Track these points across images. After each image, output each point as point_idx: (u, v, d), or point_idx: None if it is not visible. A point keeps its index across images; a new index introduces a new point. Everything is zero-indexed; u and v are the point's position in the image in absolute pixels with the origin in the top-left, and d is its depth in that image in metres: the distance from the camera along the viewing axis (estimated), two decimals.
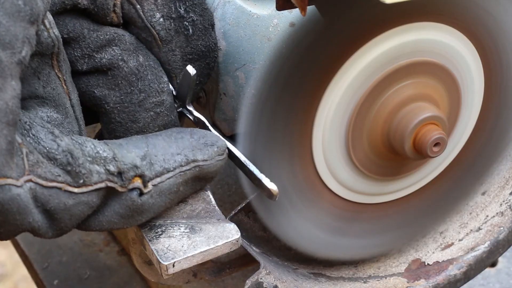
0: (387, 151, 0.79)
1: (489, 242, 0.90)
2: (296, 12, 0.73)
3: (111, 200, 0.68)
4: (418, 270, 0.89)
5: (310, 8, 0.68)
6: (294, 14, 0.78)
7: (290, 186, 0.78)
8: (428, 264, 0.89)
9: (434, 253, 0.90)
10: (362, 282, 0.86)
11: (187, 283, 0.82)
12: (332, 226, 0.82)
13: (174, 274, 0.71)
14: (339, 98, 0.76)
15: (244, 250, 0.78)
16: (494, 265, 1.11)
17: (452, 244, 0.90)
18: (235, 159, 0.74)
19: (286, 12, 0.78)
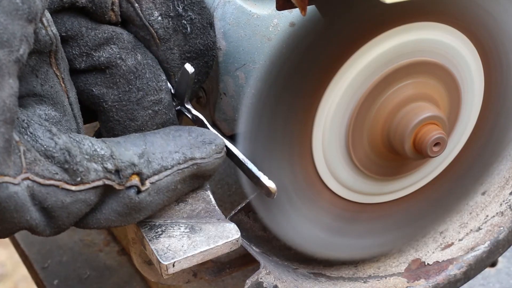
0: (387, 151, 0.79)
1: (489, 242, 0.90)
2: (296, 12, 0.73)
3: (109, 198, 0.68)
4: (418, 270, 0.89)
5: (310, 8, 0.68)
6: (294, 14, 0.78)
7: (290, 186, 0.78)
8: (428, 264, 0.89)
9: (434, 253, 0.90)
10: (362, 282, 0.86)
11: (187, 283, 0.82)
12: (332, 226, 0.82)
13: (174, 274, 0.71)
14: (339, 98, 0.76)
15: (244, 250, 0.78)
16: (494, 265, 1.11)
17: (452, 244, 0.90)
18: (233, 157, 0.74)
19: (286, 12, 0.78)
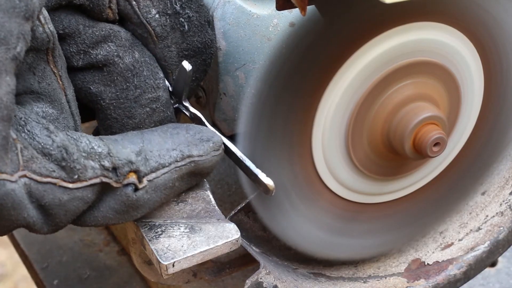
0: (387, 151, 0.79)
1: (489, 242, 0.90)
2: (296, 12, 0.73)
3: (106, 195, 0.68)
4: (418, 270, 0.89)
5: (310, 8, 0.68)
6: (294, 14, 0.78)
7: (290, 185, 0.78)
8: (428, 264, 0.89)
9: (434, 253, 0.90)
10: (362, 282, 0.86)
11: (187, 283, 0.82)
12: (332, 226, 0.82)
13: (174, 274, 0.71)
14: (339, 98, 0.76)
15: (244, 250, 0.78)
16: (494, 265, 1.11)
17: (452, 244, 0.90)
18: (231, 155, 0.74)
19: (286, 12, 0.78)
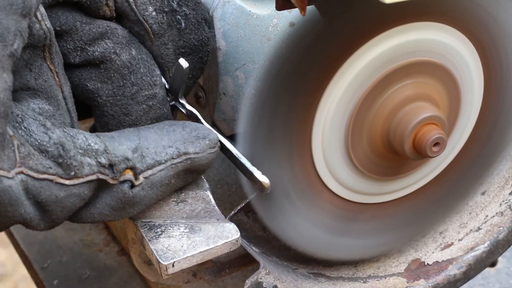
0: (387, 151, 0.79)
1: (488, 242, 0.90)
2: (296, 12, 0.73)
3: (103, 192, 0.68)
4: (418, 270, 0.88)
5: (310, 8, 0.68)
6: (294, 14, 0.78)
7: (290, 185, 0.78)
8: (427, 264, 0.89)
9: (433, 253, 0.90)
10: (362, 282, 0.86)
11: (187, 283, 0.82)
12: (331, 226, 0.82)
13: (173, 274, 0.71)
14: (339, 98, 0.76)
15: (243, 250, 0.78)
16: (493, 265, 1.11)
17: (451, 244, 0.90)
18: (227, 152, 0.74)
19: (285, 12, 0.78)
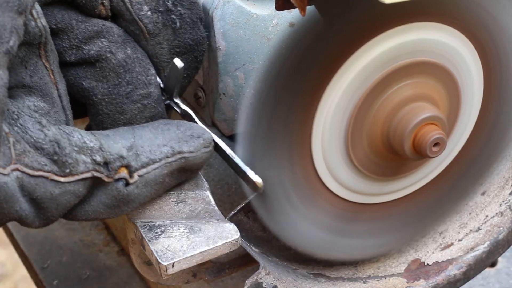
0: (387, 151, 0.79)
1: (488, 242, 0.90)
2: (295, 12, 0.73)
3: (97, 190, 0.69)
4: (418, 270, 0.88)
5: (310, 8, 0.68)
6: (293, 14, 0.78)
7: (290, 186, 0.78)
8: (427, 264, 0.89)
9: (433, 253, 0.90)
10: (362, 282, 0.86)
11: (187, 283, 0.82)
12: (331, 226, 0.82)
13: (173, 274, 0.71)
14: (339, 98, 0.76)
15: (243, 250, 0.78)
16: (493, 265, 1.11)
17: (451, 244, 0.90)
18: (221, 152, 0.75)
19: (285, 12, 0.78)
